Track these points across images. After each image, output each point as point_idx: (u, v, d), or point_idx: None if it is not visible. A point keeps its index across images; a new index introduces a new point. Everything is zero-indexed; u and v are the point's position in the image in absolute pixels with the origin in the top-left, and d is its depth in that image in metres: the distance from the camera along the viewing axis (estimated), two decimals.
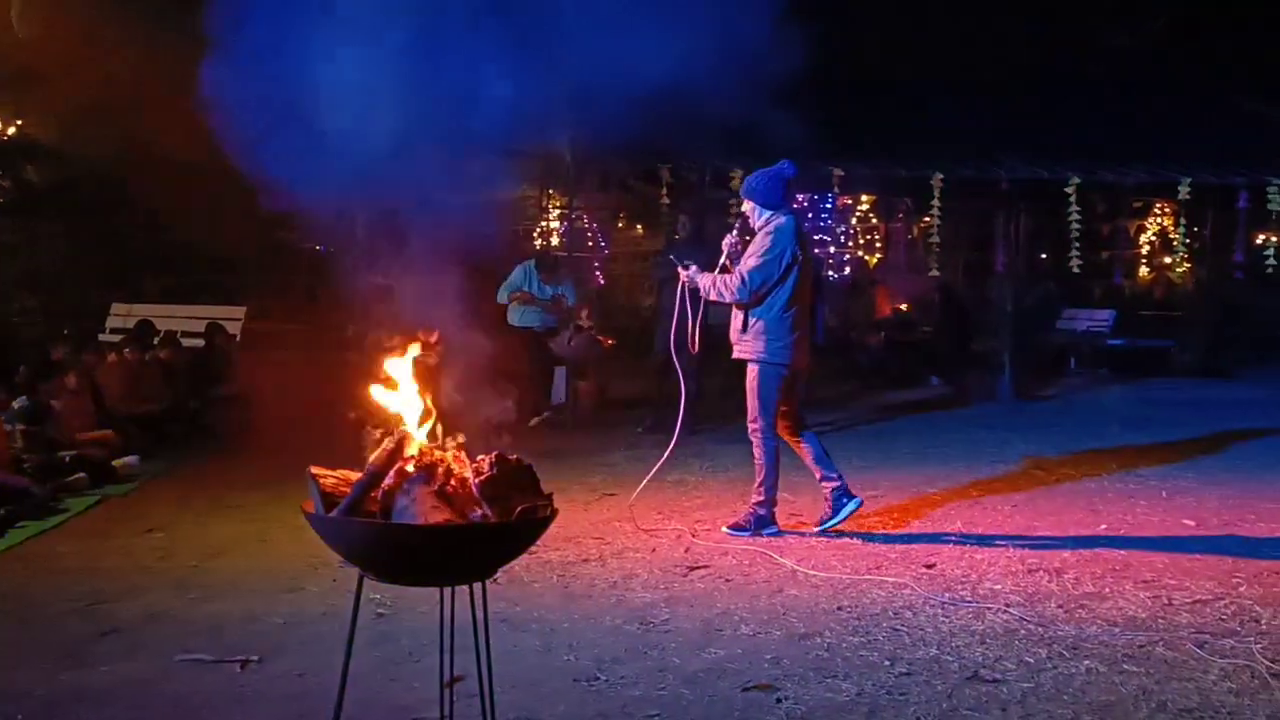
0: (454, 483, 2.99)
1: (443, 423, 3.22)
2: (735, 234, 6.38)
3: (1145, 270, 19.07)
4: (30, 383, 8.09)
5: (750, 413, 6.14)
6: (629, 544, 5.95)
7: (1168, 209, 17.22)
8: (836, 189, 11.91)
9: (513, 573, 5.17)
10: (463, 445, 3.16)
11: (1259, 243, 14.05)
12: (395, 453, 3.02)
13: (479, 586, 3.12)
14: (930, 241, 12.77)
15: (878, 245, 19.97)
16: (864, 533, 6.14)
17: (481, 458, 3.04)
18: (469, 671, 3.46)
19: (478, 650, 3.15)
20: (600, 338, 10.16)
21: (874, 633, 4.53)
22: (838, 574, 5.37)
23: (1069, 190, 12.19)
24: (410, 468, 3.01)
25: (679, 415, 6.43)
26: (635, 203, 16.00)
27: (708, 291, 6.19)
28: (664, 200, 11.69)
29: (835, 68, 14.61)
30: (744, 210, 6.26)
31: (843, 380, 13.03)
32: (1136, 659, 4.22)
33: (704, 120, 7.26)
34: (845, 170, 11.66)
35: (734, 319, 6.17)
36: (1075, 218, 12.30)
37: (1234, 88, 16.03)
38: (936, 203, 12.09)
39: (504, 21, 4.02)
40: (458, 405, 3.33)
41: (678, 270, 6.36)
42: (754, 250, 6.06)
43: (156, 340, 10.83)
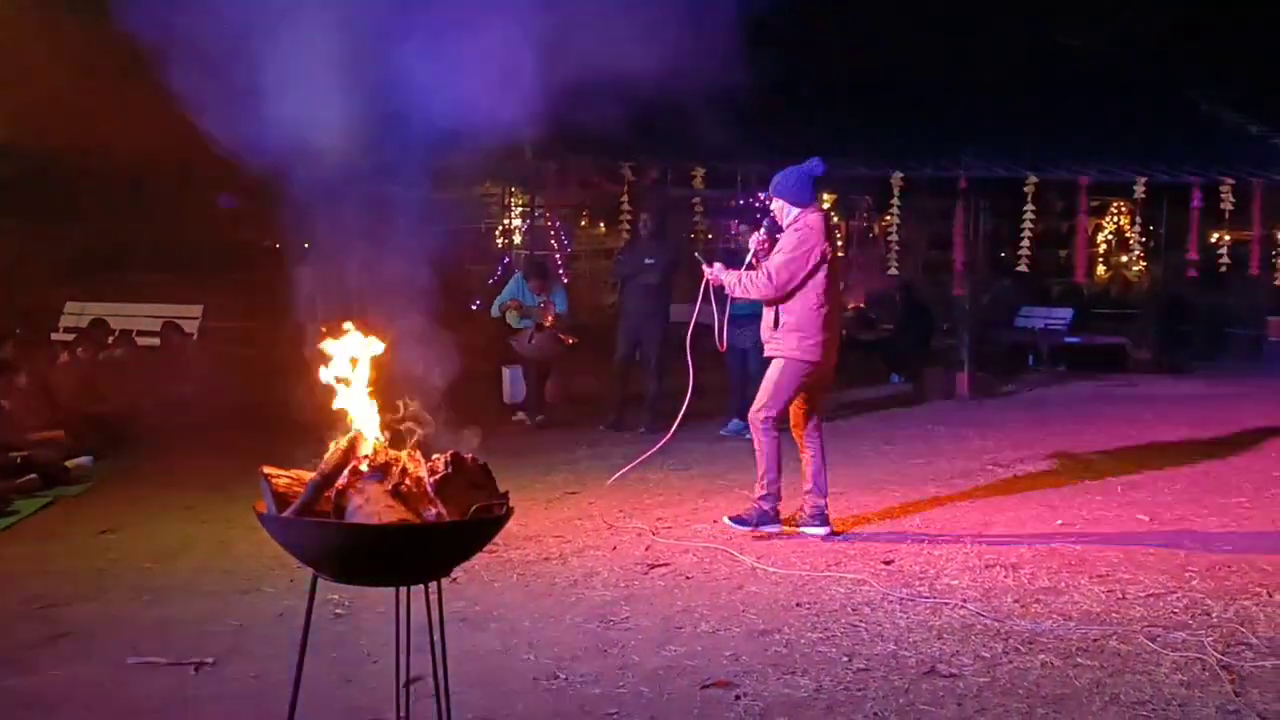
0: (409, 482, 2.96)
1: (388, 408, 3.18)
2: (764, 232, 6.24)
3: (1102, 269, 19.33)
4: None
5: (759, 400, 6.06)
6: (590, 542, 5.94)
7: (1124, 208, 17.46)
8: None
9: (473, 571, 5.15)
10: (419, 444, 3.13)
11: (1213, 241, 14.27)
12: (349, 452, 2.99)
13: (435, 586, 3.10)
14: (890, 240, 12.86)
15: (839, 244, 20.04)
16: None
17: (437, 457, 3.02)
18: (428, 672, 3.43)
19: (433, 650, 3.13)
20: (562, 336, 10.13)
21: (832, 629, 4.55)
22: (797, 571, 5.39)
23: (1027, 189, 12.33)
24: (364, 467, 2.98)
25: (681, 409, 6.37)
26: (598, 200, 15.98)
27: (733, 288, 6.08)
28: (624, 198, 11.68)
29: (797, 68, 14.74)
30: (772, 209, 6.17)
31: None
32: (1090, 652, 4.26)
33: (664, 119, 7.27)
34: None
35: (765, 317, 6.10)
36: (1029, 216, 12.43)
37: (1188, 89, 16.30)
38: (896, 201, 12.17)
39: (460, 12, 3.99)
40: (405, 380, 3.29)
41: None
42: (782, 247, 5.98)
43: (111, 339, 10.68)
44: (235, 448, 7.41)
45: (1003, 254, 16.05)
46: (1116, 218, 18.66)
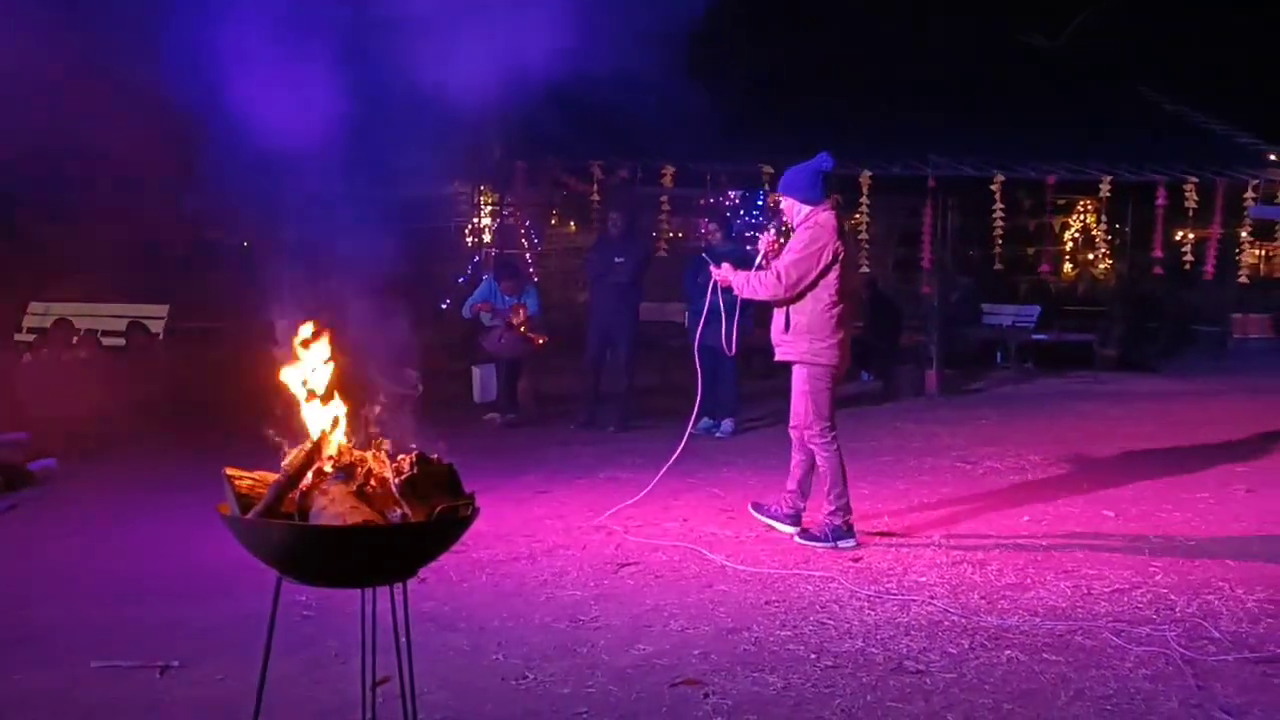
0: (374, 483, 2.94)
1: (355, 409, 3.16)
2: (773, 232, 6.13)
3: (1069, 266, 19.49)
4: None
5: (803, 418, 5.91)
6: (560, 541, 5.93)
7: (1090, 206, 17.61)
8: (766, 186, 11.98)
9: (442, 571, 5.12)
10: (384, 445, 3.11)
11: (1177, 239, 14.42)
12: (313, 453, 2.97)
13: (400, 587, 3.08)
14: (859, 238, 12.90)
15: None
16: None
17: (402, 457, 3.00)
18: (396, 672, 3.41)
19: (399, 650, 3.11)
20: (531, 335, 10.11)
21: (801, 626, 4.56)
22: (766, 569, 5.41)
23: (994, 187, 12.42)
24: (329, 468, 2.96)
25: (694, 411, 6.29)
26: (567, 199, 15.94)
27: (741, 289, 5.97)
28: (595, 197, 11.67)
29: (766, 68, 14.78)
30: (782, 207, 6.08)
31: (773, 375, 13.09)
32: (1056, 648, 4.30)
33: (633, 116, 7.26)
34: (774, 168, 11.73)
35: (775, 318, 5.98)
36: (999, 215, 12.52)
37: (1153, 88, 16.48)
38: (865, 200, 12.22)
39: (425, 8, 3.98)
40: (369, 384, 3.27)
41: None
42: (793, 245, 5.84)
43: (75, 339, 10.55)
44: (201, 449, 7.33)
45: (971, 252, 16.15)
46: (1083, 216, 18.81)
